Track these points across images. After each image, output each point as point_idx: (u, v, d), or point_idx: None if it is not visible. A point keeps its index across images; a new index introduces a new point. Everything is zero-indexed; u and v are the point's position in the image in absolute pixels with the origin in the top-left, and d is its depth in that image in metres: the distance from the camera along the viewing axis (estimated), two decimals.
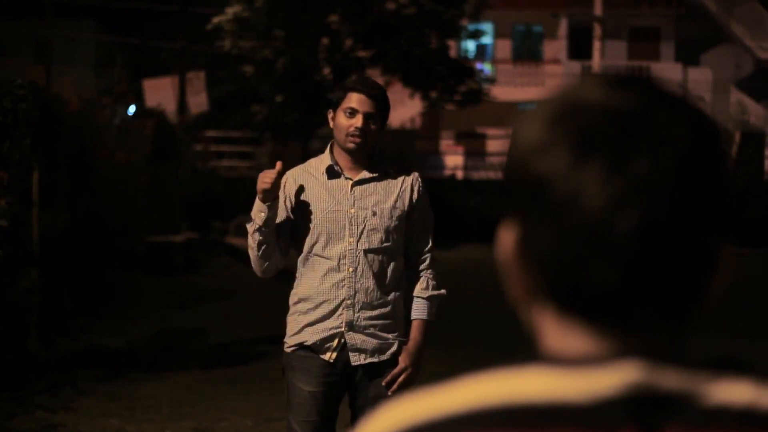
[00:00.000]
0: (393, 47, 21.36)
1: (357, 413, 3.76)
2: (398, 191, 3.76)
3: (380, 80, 22.83)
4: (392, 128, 25.70)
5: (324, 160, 3.75)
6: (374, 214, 3.71)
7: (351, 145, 3.68)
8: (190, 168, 18.10)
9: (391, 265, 3.73)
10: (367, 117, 3.66)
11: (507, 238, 0.89)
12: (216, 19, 21.52)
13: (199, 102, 22.64)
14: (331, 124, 3.75)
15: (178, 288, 12.27)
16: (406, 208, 3.75)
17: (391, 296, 3.74)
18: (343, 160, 3.73)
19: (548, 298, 0.87)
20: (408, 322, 3.78)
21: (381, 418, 0.88)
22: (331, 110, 3.75)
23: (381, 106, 3.71)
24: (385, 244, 3.71)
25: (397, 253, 3.75)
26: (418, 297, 3.79)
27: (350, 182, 3.72)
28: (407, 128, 28.78)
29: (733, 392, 0.83)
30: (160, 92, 21.36)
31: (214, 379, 7.44)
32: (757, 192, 18.54)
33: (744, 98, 31.70)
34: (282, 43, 20.98)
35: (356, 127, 3.65)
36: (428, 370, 3.91)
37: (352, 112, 3.66)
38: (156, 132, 14.83)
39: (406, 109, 30.06)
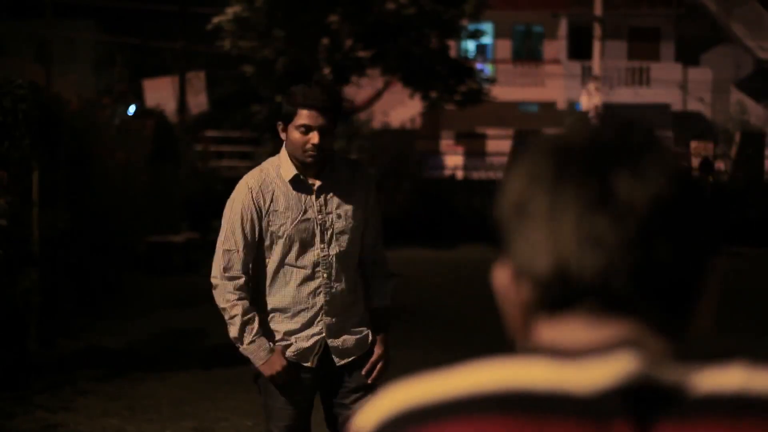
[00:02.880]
0: (393, 47, 21.34)
1: (336, 408, 3.78)
2: (357, 191, 3.76)
3: (380, 80, 22.96)
4: (392, 128, 25.71)
5: (287, 168, 3.66)
6: (339, 217, 3.71)
7: (309, 160, 3.61)
8: (190, 168, 18.10)
9: (354, 262, 3.78)
10: (322, 132, 3.57)
11: (502, 272, 0.93)
12: (216, 19, 21.50)
13: (199, 102, 22.65)
14: (283, 136, 3.66)
15: (178, 288, 12.26)
16: (364, 206, 3.77)
17: (358, 292, 3.79)
18: (302, 168, 3.67)
19: (545, 307, 0.90)
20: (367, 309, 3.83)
21: (384, 400, 0.90)
22: (281, 123, 3.64)
23: (335, 113, 3.63)
24: (352, 246, 3.73)
25: (358, 250, 3.79)
26: (378, 286, 3.84)
27: (314, 189, 3.68)
28: (407, 128, 28.78)
29: (724, 379, 0.85)
30: (160, 92, 21.37)
31: (214, 379, 7.43)
32: (757, 192, 18.53)
33: (744, 98, 31.67)
34: (282, 43, 20.97)
35: (313, 144, 3.57)
36: (428, 369, 3.91)
37: (307, 130, 3.56)
38: (156, 132, 14.82)
39: (406, 109, 30.05)
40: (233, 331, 3.64)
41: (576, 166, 0.89)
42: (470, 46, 30.92)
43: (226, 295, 3.66)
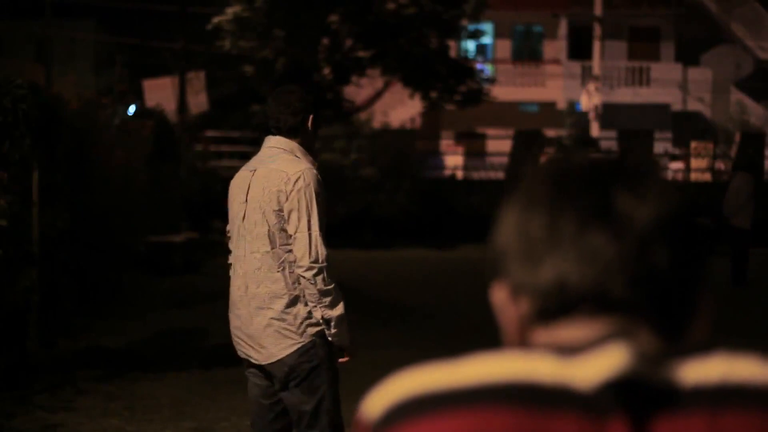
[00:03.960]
0: (393, 47, 21.35)
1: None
2: None
3: (380, 80, 22.95)
4: (392, 128, 25.72)
5: (312, 162, 3.88)
6: None
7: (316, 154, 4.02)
8: (190, 168, 18.10)
9: None
10: None
11: (500, 291, 0.96)
12: (216, 19, 21.51)
13: (199, 102, 22.63)
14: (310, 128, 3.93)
15: (178, 288, 12.27)
16: None
17: None
18: None
19: (542, 318, 0.93)
20: None
21: (391, 387, 0.92)
22: (313, 115, 3.91)
23: None
24: None
25: None
26: None
27: None
28: (407, 128, 28.80)
29: (708, 370, 0.88)
30: (160, 92, 21.35)
31: (214, 379, 7.43)
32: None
33: (744, 98, 31.68)
34: (282, 43, 20.98)
35: None
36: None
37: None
38: (156, 132, 14.81)
39: (406, 109, 30.07)
40: (340, 309, 3.70)
41: (574, 186, 0.93)
42: (470, 46, 30.91)
43: (331, 279, 3.69)
